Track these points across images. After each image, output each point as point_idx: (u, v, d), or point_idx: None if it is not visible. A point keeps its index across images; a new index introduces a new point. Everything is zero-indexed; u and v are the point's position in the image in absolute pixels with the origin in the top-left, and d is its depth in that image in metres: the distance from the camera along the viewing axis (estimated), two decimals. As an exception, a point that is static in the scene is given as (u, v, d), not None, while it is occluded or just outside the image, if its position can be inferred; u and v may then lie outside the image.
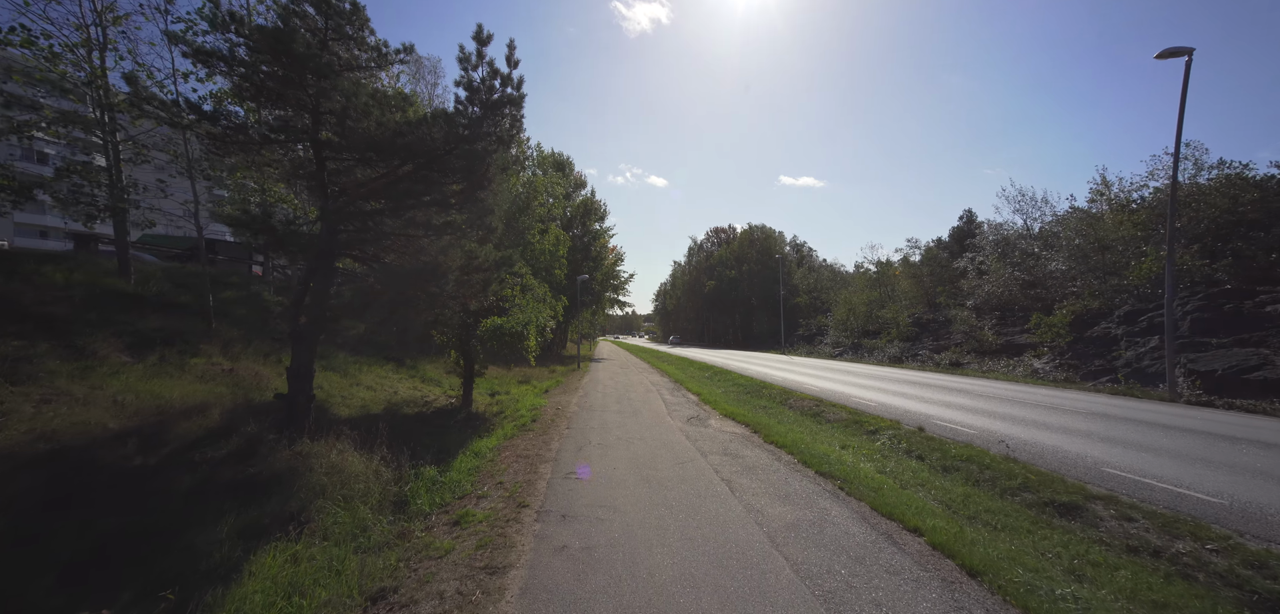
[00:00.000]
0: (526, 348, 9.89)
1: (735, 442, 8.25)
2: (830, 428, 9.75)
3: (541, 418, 10.42)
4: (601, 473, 6.29)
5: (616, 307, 43.11)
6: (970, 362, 23.67)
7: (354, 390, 9.94)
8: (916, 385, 16.15)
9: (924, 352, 29.33)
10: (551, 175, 29.92)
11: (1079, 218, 24.46)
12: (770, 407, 12.99)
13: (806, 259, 72.51)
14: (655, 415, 10.92)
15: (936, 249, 39.22)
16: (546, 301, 13.06)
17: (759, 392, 15.73)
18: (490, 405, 12.28)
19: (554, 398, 13.96)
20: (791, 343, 49.51)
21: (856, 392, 14.82)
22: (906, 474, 6.43)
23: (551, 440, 8.29)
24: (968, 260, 32.99)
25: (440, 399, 11.63)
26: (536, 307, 11.38)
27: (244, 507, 4.33)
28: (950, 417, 10.31)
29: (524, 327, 9.49)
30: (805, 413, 11.60)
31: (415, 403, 10.69)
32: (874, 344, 34.41)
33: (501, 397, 13.82)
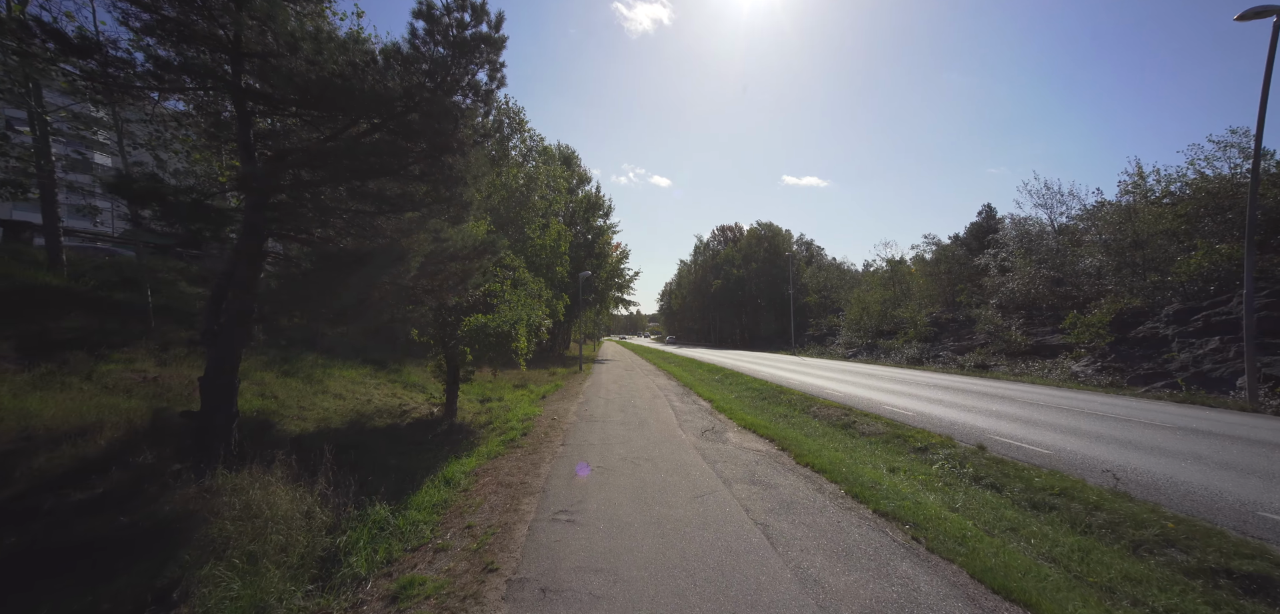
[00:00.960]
0: (516, 350, 8.62)
1: (762, 463, 6.89)
2: (869, 444, 8.36)
3: (534, 430, 9.10)
4: (600, 511, 4.97)
5: (621, 306, 41.81)
6: (998, 364, 22.14)
7: (317, 400, 8.67)
8: (949, 390, 14.69)
9: (945, 353, 27.82)
10: (554, 167, 28.64)
11: (1113, 212, 22.85)
12: (792, 415, 11.62)
13: (816, 257, 70.88)
14: (664, 427, 9.58)
15: (955, 246, 37.60)
16: (541, 298, 11.75)
17: (776, 397, 14.35)
18: (478, 414, 10.99)
19: (551, 405, 12.65)
20: (802, 343, 47.98)
21: (885, 398, 13.40)
22: (985, 512, 5.06)
23: (542, 461, 6.97)
24: (989, 257, 31.38)
25: (421, 408, 10.35)
26: (530, 304, 10.08)
27: (76, 584, 3.02)
28: (1005, 430, 8.89)
29: (512, 325, 8.20)
30: (834, 424, 10.21)
31: (390, 413, 9.42)
32: (890, 345, 32.88)
33: (493, 404, 12.55)
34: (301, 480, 4.85)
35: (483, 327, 7.89)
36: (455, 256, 6.82)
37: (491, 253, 7.33)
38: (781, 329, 59.78)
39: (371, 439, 7.55)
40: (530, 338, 10.57)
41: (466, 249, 6.73)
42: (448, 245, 6.45)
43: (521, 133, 25.03)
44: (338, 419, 8.14)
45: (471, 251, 6.81)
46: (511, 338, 8.28)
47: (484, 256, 7.17)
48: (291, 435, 6.74)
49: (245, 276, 4.78)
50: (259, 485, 4.42)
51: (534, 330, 10.54)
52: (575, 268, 29.41)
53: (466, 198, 6.00)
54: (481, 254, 7.11)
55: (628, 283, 39.03)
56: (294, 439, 6.51)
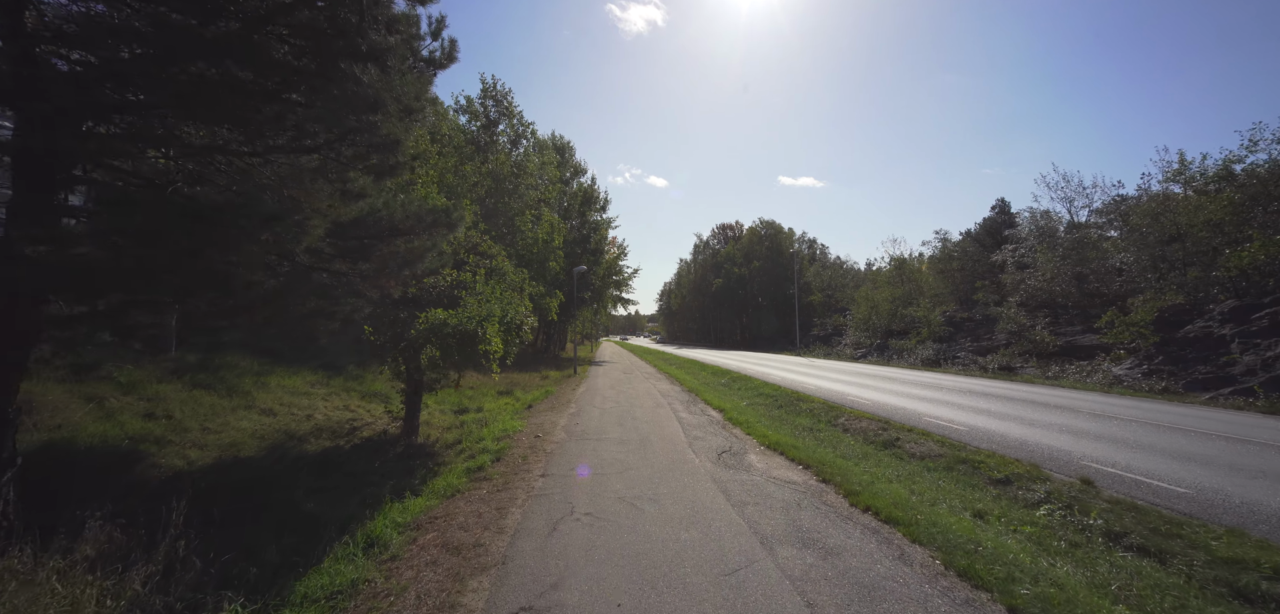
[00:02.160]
0: (488, 354, 6.90)
1: (806, 505, 5.17)
2: (929, 472, 6.65)
3: (510, 453, 7.37)
4: (584, 602, 3.25)
5: (620, 305, 40.08)
6: (1025, 366, 20.50)
7: (232, 419, 6.92)
8: (986, 397, 13.01)
9: (963, 353, 26.19)
10: (547, 155, 26.93)
11: (1149, 203, 21.22)
12: (819, 429, 9.91)
13: (819, 256, 69.33)
14: (671, 447, 7.86)
15: (967, 242, 36.02)
16: (524, 292, 10.01)
17: (794, 406, 12.65)
18: (449, 430, 9.25)
19: (537, 417, 10.90)
20: (806, 344, 46.34)
21: (917, 405, 11.71)
22: (1165, 605, 3.36)
23: (511, 504, 5.24)
24: (1007, 253, 29.78)
25: (376, 424, 8.60)
26: (508, 297, 8.34)
27: None
28: (1096, 453, 7.19)
29: (480, 323, 6.46)
30: (873, 441, 8.50)
31: (333, 432, 7.66)
32: (902, 345, 31.25)
33: (469, 416, 10.80)
34: (133, 554, 3.11)
35: (441, 324, 6.17)
36: (398, 230, 5.08)
37: (447, 227, 5.59)
38: (784, 329, 58.19)
39: (293, 472, 5.81)
40: (511, 338, 8.83)
41: (410, 221, 5.00)
42: (382, 215, 4.73)
43: (510, 118, 23.29)
44: (253, 445, 6.38)
45: (417, 224, 5.08)
46: (479, 338, 6.54)
47: (436, 232, 5.44)
48: (168, 474, 4.99)
49: (24, 233, 3.04)
50: (18, 581, 2.68)
51: (514, 329, 8.80)
52: (570, 263, 27.66)
53: (388, 133, 4.25)
54: (433, 228, 5.38)
55: (626, 280, 37.29)
56: (169, 480, 4.76)
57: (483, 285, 8.04)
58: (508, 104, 22.97)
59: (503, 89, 22.78)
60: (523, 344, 9.13)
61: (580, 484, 5.92)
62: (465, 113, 22.51)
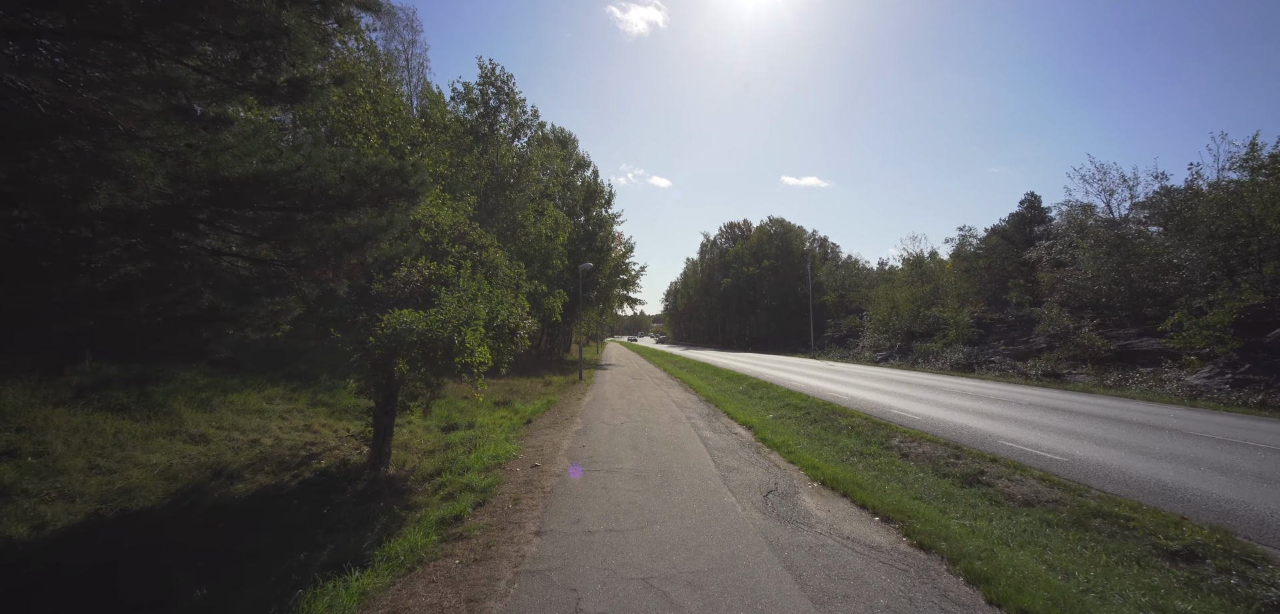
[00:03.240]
0: (469, 366, 5.33)
1: (915, 596, 3.55)
2: (1050, 526, 4.98)
3: (499, 494, 5.80)
4: None
5: (626, 305, 38.49)
6: (1073, 372, 18.66)
7: (144, 448, 5.39)
8: (1055, 412, 11.26)
9: (997, 357, 24.35)
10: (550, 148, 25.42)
11: (1218, 193, 19.26)
12: (870, 452, 8.26)
13: (831, 254, 67.39)
14: (701, 484, 6.26)
15: (993, 237, 34.06)
16: (520, 289, 8.45)
17: (830, 420, 10.99)
18: (431, 454, 7.71)
19: (536, 436, 9.34)
20: (821, 346, 44.51)
21: (976, 422, 10.01)
22: None
23: (488, 596, 3.65)
24: (1042, 249, 27.85)
25: (344, 448, 7.07)
26: (498, 296, 6.78)
27: None
28: (1248, 500, 5.50)
29: (457, 328, 4.90)
30: (950, 475, 6.82)
31: (280, 463, 6.12)
32: (928, 348, 29.41)
33: (458, 435, 9.26)
34: None
35: (405, 330, 4.62)
36: (333, 198, 3.54)
37: (405, 197, 4.04)
38: (795, 330, 56.38)
39: (201, 530, 4.27)
40: (504, 344, 7.27)
41: (347, 184, 3.46)
42: (302, 174, 3.20)
43: (512, 106, 21.78)
44: (158, 489, 4.85)
45: (358, 191, 3.53)
46: (457, 348, 4.94)
47: (390, 205, 3.89)
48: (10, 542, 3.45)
49: None
50: None
51: (507, 334, 7.24)
52: (573, 261, 26.12)
53: (271, 18, 2.68)
54: (384, 199, 3.84)
55: (633, 278, 35.69)
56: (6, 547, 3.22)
57: (468, 281, 6.48)
58: (509, 92, 21.45)
59: (503, 75, 21.28)
60: (519, 350, 7.55)
61: (588, 549, 4.33)
62: (464, 101, 21.03)
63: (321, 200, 3.44)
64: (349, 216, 3.70)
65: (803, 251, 63.44)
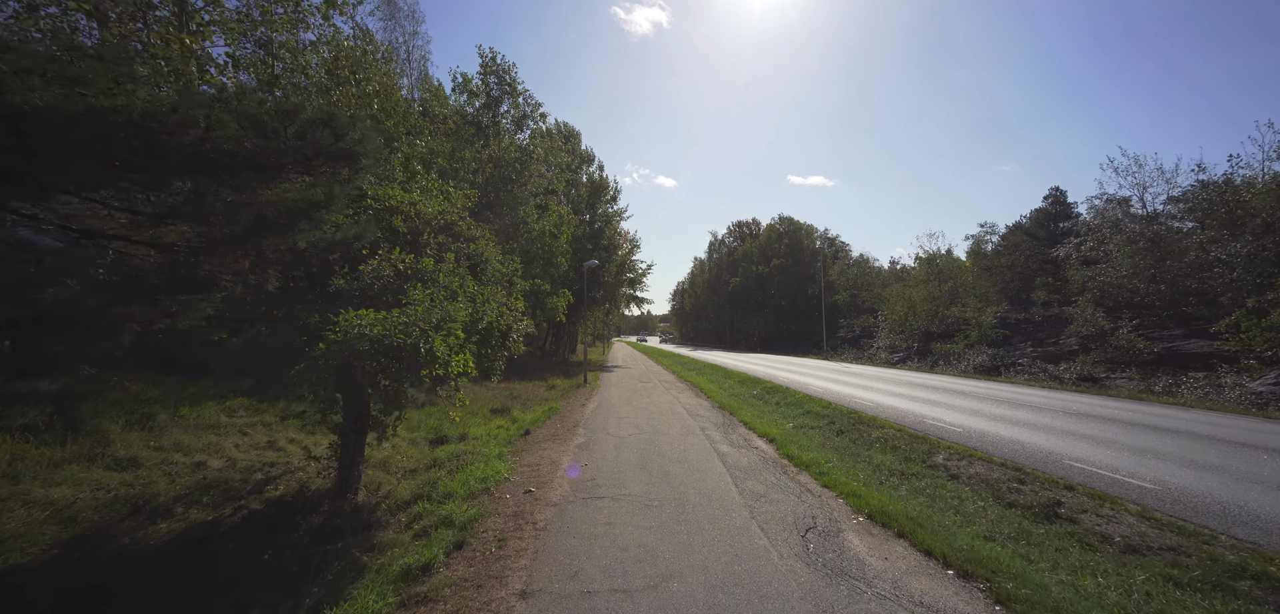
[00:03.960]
0: (441, 378, 4.36)
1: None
2: (1178, 588, 3.90)
3: (482, 532, 4.83)
4: None
5: (633, 304, 37.48)
6: (1112, 376, 17.38)
7: (46, 480, 4.46)
8: (1113, 424, 10.10)
9: (1024, 359, 23.06)
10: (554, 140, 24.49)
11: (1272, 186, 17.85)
12: (913, 472, 7.19)
13: (841, 253, 65.91)
14: (723, 517, 5.25)
15: (1015, 234, 32.62)
16: (514, 286, 7.48)
17: (859, 431, 9.92)
18: (412, 473, 6.76)
19: (534, 452, 8.37)
20: (834, 347, 43.22)
21: (1025, 435, 8.89)
22: None
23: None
24: (1071, 246, 26.46)
25: (309, 470, 6.13)
26: (487, 294, 5.81)
27: None
28: None
29: (421, 335, 3.92)
30: (1019, 505, 5.73)
31: (225, 492, 5.20)
32: (948, 349, 28.12)
33: (447, 450, 8.31)
34: None
35: (355, 337, 3.67)
36: (238, 158, 2.58)
37: (344, 161, 3.05)
38: (806, 330, 55.08)
39: (85, 595, 3.33)
40: (493, 349, 6.33)
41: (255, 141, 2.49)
42: (181, 117, 2.25)
43: (514, 96, 20.86)
44: (46, 534, 3.91)
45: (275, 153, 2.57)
46: (423, 357, 3.97)
47: (324, 170, 2.94)
48: None
49: None
50: None
51: (497, 338, 6.29)
52: (578, 259, 25.18)
53: None
54: (316, 162, 2.89)
55: (640, 277, 34.68)
56: None
57: (448, 275, 5.51)
58: (511, 81, 20.53)
59: (505, 64, 20.36)
60: (512, 355, 6.58)
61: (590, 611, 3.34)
62: (464, 92, 20.15)
63: (216, 161, 2.49)
64: (265, 186, 2.77)
65: (813, 250, 62.09)
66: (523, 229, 20.92)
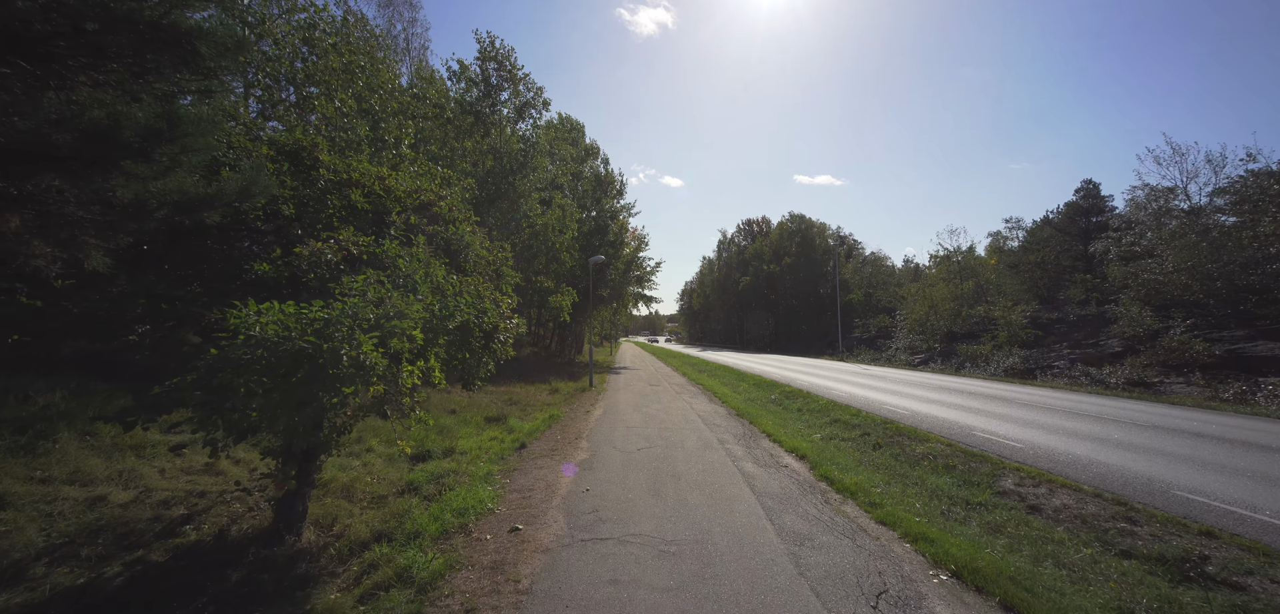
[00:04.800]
0: (387, 400, 3.26)
1: None
2: None
3: (444, 594, 3.67)
4: None
5: (642, 303, 36.29)
6: (1165, 381, 15.84)
7: None
8: (1203, 441, 8.71)
9: (1062, 362, 21.51)
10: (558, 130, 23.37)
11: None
12: (989, 506, 5.92)
13: (854, 251, 64.18)
14: (760, 568, 4.05)
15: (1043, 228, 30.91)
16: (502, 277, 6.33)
17: (899, 444, 8.64)
18: (380, 502, 5.64)
19: (528, 471, 7.20)
20: (849, 347, 41.69)
21: (1105, 455, 7.56)
22: None
23: None
24: (1109, 241, 24.79)
25: (248, 503, 5.01)
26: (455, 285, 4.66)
27: None
28: None
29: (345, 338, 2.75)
30: (1161, 563, 4.43)
31: (127, 536, 4.08)
32: (974, 350, 26.57)
33: (431, 466, 7.18)
34: None
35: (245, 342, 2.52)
36: None
37: (173, 48, 1.91)
38: (819, 330, 53.54)
39: None
40: (475, 351, 5.20)
41: None
42: None
43: (514, 84, 19.77)
44: None
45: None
46: (345, 370, 2.77)
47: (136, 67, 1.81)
48: None
49: None
50: None
51: (478, 340, 5.16)
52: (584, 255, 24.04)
53: None
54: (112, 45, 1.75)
55: (648, 275, 33.46)
56: None
57: (411, 261, 4.36)
58: (511, 67, 19.42)
59: (504, 49, 19.25)
60: (498, 358, 5.42)
61: None
62: (461, 80, 19.09)
63: None
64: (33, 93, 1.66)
65: (826, 248, 60.48)
66: (525, 223, 19.82)
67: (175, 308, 3.13)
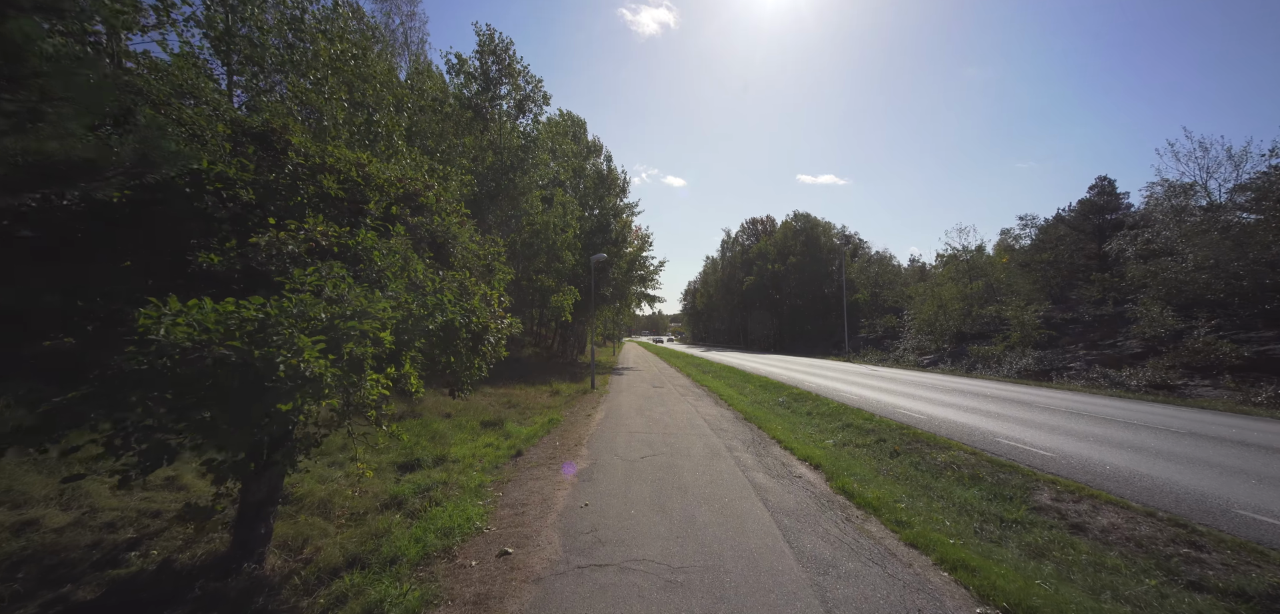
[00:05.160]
0: (342, 404, 2.80)
1: None
2: None
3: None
4: None
5: (645, 303, 35.78)
6: (1190, 383, 15.21)
7: None
8: (1250, 449, 8.13)
9: (1078, 363, 20.87)
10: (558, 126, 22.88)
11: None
12: (1027, 524, 5.39)
13: (859, 251, 63.42)
14: (782, 604, 3.52)
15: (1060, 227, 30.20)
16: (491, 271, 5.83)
17: (917, 453, 8.09)
18: (357, 520, 5.15)
19: (522, 481, 6.70)
20: (855, 347, 41.04)
21: (1148, 466, 7.00)
22: None
23: None
24: (1126, 239, 24.10)
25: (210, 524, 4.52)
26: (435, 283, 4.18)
27: None
28: None
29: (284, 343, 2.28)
30: (1242, 597, 3.89)
31: (57, 569, 3.61)
32: (985, 351, 25.93)
33: (420, 477, 6.70)
34: None
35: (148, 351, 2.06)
36: None
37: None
38: (824, 330, 52.88)
39: None
40: (462, 354, 4.73)
41: None
42: None
43: (514, 77, 19.30)
44: None
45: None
46: (281, 382, 2.30)
47: None
48: None
49: None
50: None
51: (473, 341, 4.69)
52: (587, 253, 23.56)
53: None
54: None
55: (651, 274, 32.94)
56: None
57: (386, 256, 3.87)
58: (510, 60, 18.96)
59: (503, 42, 18.78)
60: (490, 363, 4.94)
61: None
62: (460, 74, 18.63)
63: None
64: None
65: (831, 247, 59.76)
66: (526, 222, 19.35)
67: (96, 306, 2.66)
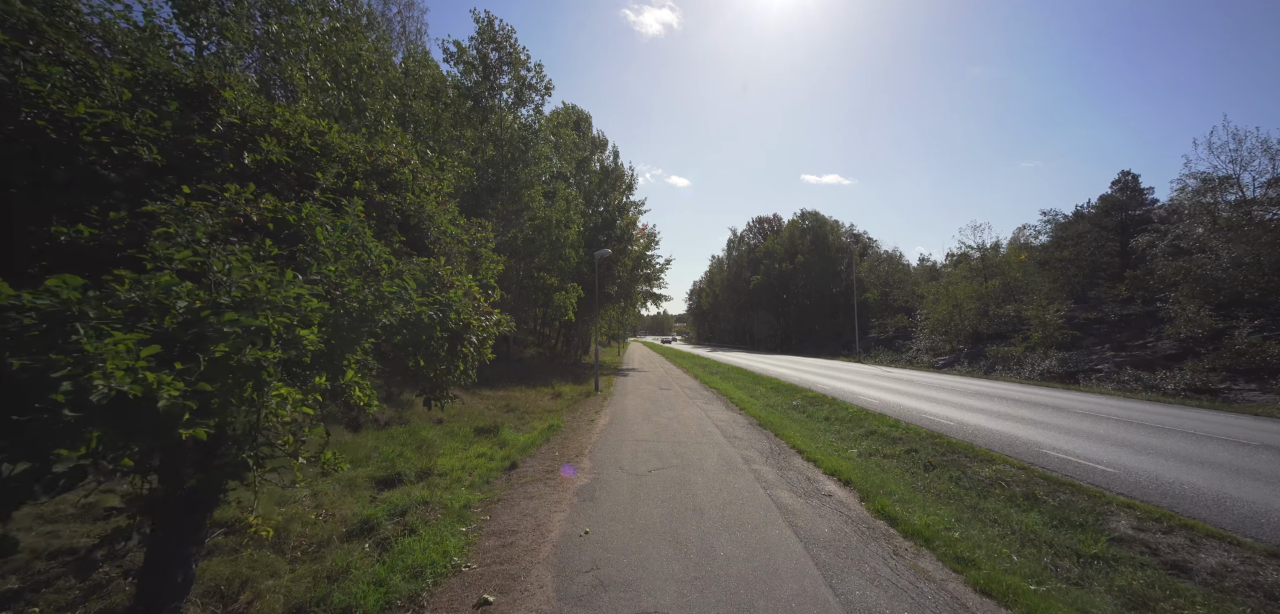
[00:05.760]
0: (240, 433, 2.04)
1: None
2: None
3: None
4: None
5: (651, 302, 34.95)
6: (1234, 387, 14.19)
7: None
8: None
9: (1105, 364, 19.84)
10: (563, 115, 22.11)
11: None
12: (1111, 558, 4.52)
13: (868, 249, 62.27)
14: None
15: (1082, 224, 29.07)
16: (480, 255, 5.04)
17: (956, 465, 7.23)
18: (317, 551, 4.37)
19: (514, 501, 5.89)
20: (866, 348, 40.00)
21: (1235, 487, 6.09)
22: None
23: None
24: (1155, 236, 23.00)
25: (105, 576, 3.75)
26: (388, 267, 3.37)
27: None
28: None
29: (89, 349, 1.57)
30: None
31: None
32: (1005, 352, 24.90)
33: (397, 495, 5.92)
34: None
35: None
36: None
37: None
38: (833, 330, 51.83)
39: None
40: (439, 357, 3.94)
41: None
42: None
43: (515, 66, 18.53)
44: None
45: None
46: (85, 410, 1.55)
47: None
48: None
49: None
50: None
51: (450, 341, 3.89)
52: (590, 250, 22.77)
53: None
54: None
55: (657, 272, 32.10)
56: None
57: (338, 230, 3.08)
58: (512, 48, 18.19)
59: (504, 30, 18.02)
60: (471, 367, 4.12)
61: None
62: (458, 63, 17.88)
63: None
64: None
65: (839, 246, 58.69)
66: (527, 216, 18.57)
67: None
